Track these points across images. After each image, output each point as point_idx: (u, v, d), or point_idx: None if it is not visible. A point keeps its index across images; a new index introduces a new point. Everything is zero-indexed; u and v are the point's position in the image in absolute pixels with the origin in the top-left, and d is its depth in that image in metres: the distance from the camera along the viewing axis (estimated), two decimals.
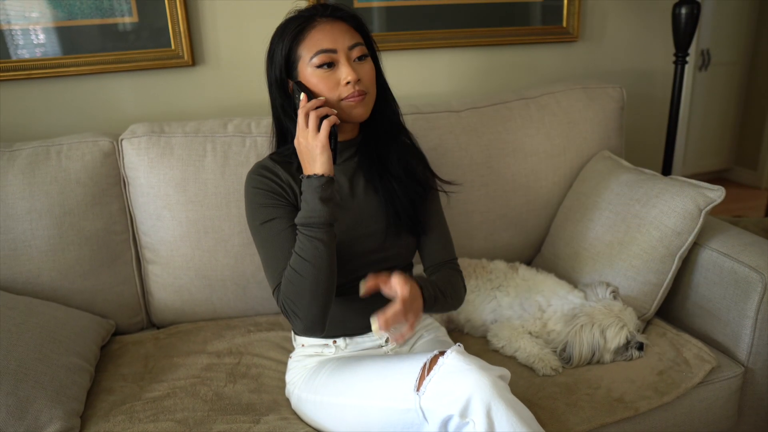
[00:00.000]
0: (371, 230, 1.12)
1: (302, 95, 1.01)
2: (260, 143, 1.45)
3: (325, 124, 0.97)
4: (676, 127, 2.03)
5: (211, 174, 1.41)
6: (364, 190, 1.14)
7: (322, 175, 0.98)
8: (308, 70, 1.02)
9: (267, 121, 1.50)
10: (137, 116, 1.63)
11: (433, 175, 1.21)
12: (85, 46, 1.55)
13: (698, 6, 1.85)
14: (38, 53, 1.53)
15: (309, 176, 0.99)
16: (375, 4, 1.77)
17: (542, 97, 1.72)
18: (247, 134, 1.46)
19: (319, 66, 1.01)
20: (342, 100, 1.03)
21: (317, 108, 1.00)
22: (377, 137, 1.14)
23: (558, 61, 2.02)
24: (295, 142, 1.02)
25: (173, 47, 1.61)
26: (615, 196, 1.52)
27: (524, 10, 1.92)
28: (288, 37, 1.03)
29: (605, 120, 1.75)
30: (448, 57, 1.88)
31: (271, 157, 1.13)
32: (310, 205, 0.98)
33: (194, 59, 1.65)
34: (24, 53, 1.51)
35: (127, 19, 1.57)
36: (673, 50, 1.97)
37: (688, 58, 1.95)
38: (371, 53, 1.08)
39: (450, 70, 1.89)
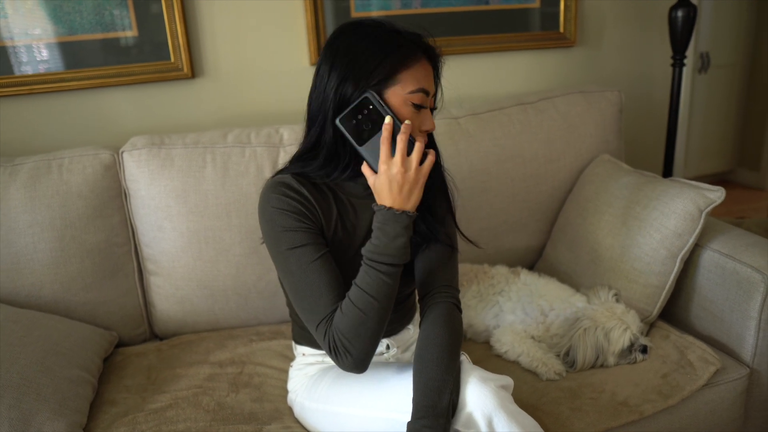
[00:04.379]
0: None
1: (388, 117, 0.91)
2: (260, 153, 1.46)
3: (431, 158, 0.91)
4: (675, 130, 2.03)
5: (211, 185, 1.42)
6: None
7: (414, 213, 0.91)
8: (398, 100, 0.92)
9: (266, 131, 1.51)
10: (137, 129, 1.65)
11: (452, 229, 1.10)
12: (86, 61, 1.57)
13: (694, 8, 1.86)
14: (41, 69, 1.54)
15: (401, 212, 0.90)
16: (373, 13, 1.79)
17: (540, 102, 1.73)
18: (246, 145, 1.47)
19: (415, 104, 0.93)
20: None
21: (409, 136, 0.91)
22: None
23: (556, 66, 2.03)
24: (387, 169, 0.90)
25: (173, 60, 1.63)
26: (615, 199, 1.52)
27: (521, 17, 1.93)
28: (395, 59, 0.91)
29: (604, 124, 1.75)
30: (445, 65, 1.89)
31: (291, 173, 1.00)
32: (394, 243, 0.90)
33: (194, 72, 1.66)
34: (27, 69, 1.53)
35: (128, 33, 1.59)
36: (670, 53, 1.98)
37: (685, 61, 1.95)
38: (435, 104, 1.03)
39: (448, 76, 1.90)
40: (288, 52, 1.74)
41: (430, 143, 1.04)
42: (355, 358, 0.92)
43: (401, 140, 0.90)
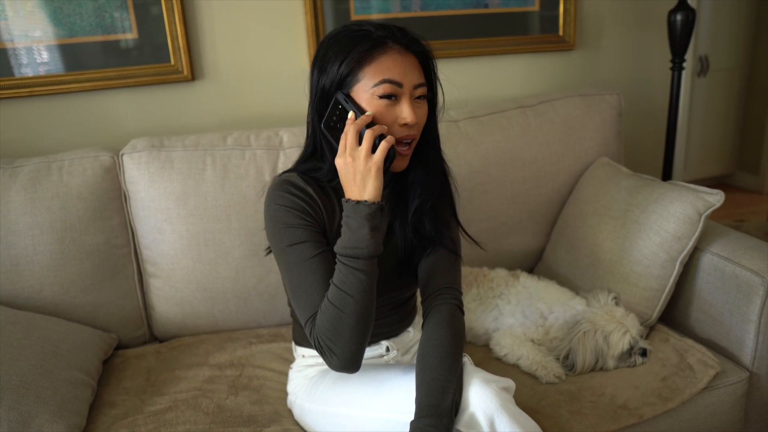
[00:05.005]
0: (383, 269, 1.02)
1: (350, 113, 0.92)
2: (259, 156, 1.46)
3: (384, 146, 0.89)
4: (674, 133, 2.03)
5: (211, 187, 1.42)
6: (387, 226, 1.05)
7: (373, 203, 0.90)
8: (366, 95, 0.92)
9: (265, 134, 1.51)
10: (137, 131, 1.65)
11: (457, 229, 1.09)
12: (86, 63, 1.57)
13: (693, 12, 1.86)
14: (41, 71, 1.54)
15: (357, 202, 0.90)
16: (373, 16, 1.79)
17: (540, 105, 1.73)
18: (246, 147, 1.47)
19: (381, 96, 0.92)
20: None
21: (370, 126, 0.91)
22: (410, 181, 1.03)
23: (555, 69, 2.03)
24: (337, 161, 0.92)
25: (173, 62, 1.63)
26: (614, 202, 1.52)
27: (521, 20, 1.93)
28: (355, 55, 0.92)
29: (603, 127, 1.75)
30: (445, 67, 1.89)
31: (298, 172, 1.02)
32: (356, 235, 0.89)
33: (193, 74, 1.66)
34: (27, 71, 1.53)
35: (128, 35, 1.59)
36: (669, 56, 1.98)
37: (684, 64, 1.96)
38: (430, 94, 1.00)
39: (447, 80, 1.90)
40: (288, 55, 1.74)
41: (428, 143, 1.02)
42: (339, 357, 0.92)
43: (349, 131, 0.91)
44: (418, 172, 1.02)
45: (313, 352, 1.16)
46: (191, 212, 1.41)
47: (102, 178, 1.41)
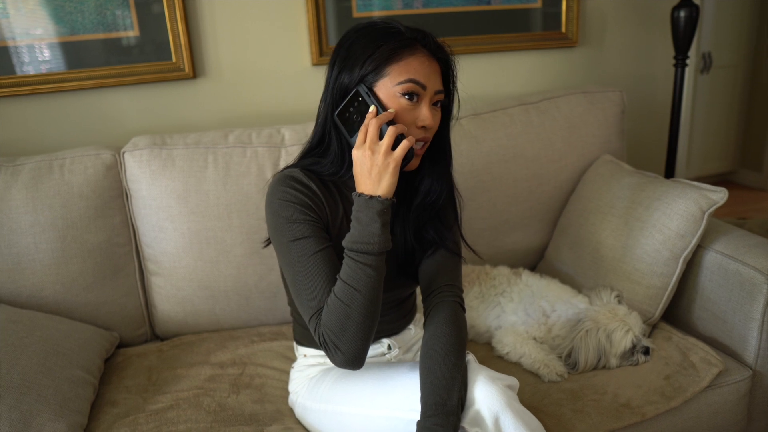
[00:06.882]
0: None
1: (372, 107, 0.92)
2: (261, 153, 1.46)
3: (405, 144, 0.89)
4: (677, 130, 2.03)
5: (212, 185, 1.42)
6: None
7: (386, 199, 0.89)
8: (388, 92, 0.92)
9: (267, 132, 1.51)
10: (139, 129, 1.65)
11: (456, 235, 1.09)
12: (88, 61, 1.57)
13: (697, 9, 1.85)
14: (43, 69, 1.54)
15: (371, 197, 0.89)
16: (375, 13, 1.78)
17: (542, 102, 1.73)
18: (247, 145, 1.47)
19: (404, 94, 0.92)
20: None
21: (390, 124, 0.90)
22: (416, 184, 1.04)
23: (558, 66, 2.02)
24: (355, 152, 0.91)
25: (174, 60, 1.62)
26: (617, 200, 1.51)
27: (524, 17, 1.93)
28: (384, 51, 0.92)
29: (606, 124, 1.75)
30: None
31: (300, 167, 1.01)
32: (367, 230, 0.89)
33: (195, 72, 1.66)
34: (29, 69, 1.53)
35: (130, 33, 1.59)
36: (672, 53, 1.98)
37: (688, 61, 1.95)
38: (446, 101, 1.00)
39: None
40: (289, 53, 1.74)
41: (440, 149, 1.02)
42: (344, 353, 0.91)
43: (372, 125, 0.90)
44: (427, 176, 1.03)
45: (315, 352, 1.16)
46: (193, 210, 1.41)
47: (103, 176, 1.40)
